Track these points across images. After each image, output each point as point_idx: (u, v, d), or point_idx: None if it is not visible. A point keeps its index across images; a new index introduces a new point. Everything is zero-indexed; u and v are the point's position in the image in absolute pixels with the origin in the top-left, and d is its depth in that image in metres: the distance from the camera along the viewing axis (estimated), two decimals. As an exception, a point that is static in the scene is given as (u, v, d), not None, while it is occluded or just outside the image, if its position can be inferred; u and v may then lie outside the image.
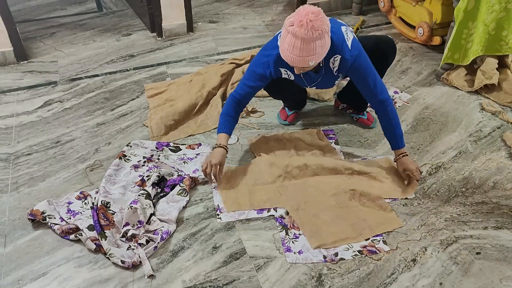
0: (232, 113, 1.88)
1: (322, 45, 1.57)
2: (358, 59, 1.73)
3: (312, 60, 1.59)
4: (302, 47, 1.54)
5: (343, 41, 1.70)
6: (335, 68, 1.79)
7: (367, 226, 1.69)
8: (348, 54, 1.71)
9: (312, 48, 1.55)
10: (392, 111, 1.81)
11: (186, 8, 3.11)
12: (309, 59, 1.58)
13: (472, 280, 1.50)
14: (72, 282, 1.51)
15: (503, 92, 2.41)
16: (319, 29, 1.51)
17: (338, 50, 1.71)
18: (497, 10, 2.31)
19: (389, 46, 1.98)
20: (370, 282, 1.50)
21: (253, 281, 1.51)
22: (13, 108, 2.39)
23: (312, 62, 1.60)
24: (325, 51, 1.61)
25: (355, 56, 1.72)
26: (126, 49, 3.00)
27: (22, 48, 2.82)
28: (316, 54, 1.57)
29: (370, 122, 2.22)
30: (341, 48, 1.70)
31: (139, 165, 1.94)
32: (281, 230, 1.69)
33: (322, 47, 1.57)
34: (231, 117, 1.88)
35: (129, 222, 1.64)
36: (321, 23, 1.51)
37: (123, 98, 2.48)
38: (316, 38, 1.53)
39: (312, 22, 1.50)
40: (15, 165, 2.00)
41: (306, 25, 1.50)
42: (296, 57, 1.58)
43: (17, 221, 1.73)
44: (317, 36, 1.53)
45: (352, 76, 1.83)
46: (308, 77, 1.88)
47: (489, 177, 1.92)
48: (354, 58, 1.72)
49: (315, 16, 1.50)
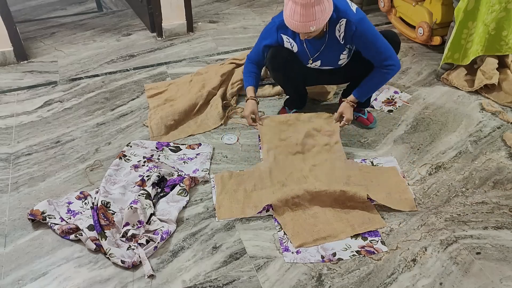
0: (253, 69, 2.10)
1: (322, 10, 1.67)
2: (363, 22, 1.82)
3: (313, 25, 1.69)
4: (302, 13, 1.65)
5: (347, 7, 1.81)
6: (341, 35, 1.85)
7: (350, 225, 1.69)
8: (353, 17, 1.80)
9: (312, 13, 1.66)
10: (385, 76, 1.94)
11: (186, 8, 3.11)
12: (310, 24, 1.68)
13: (472, 280, 1.50)
14: (72, 282, 1.51)
15: (503, 92, 2.41)
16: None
17: (343, 14, 1.80)
18: (497, 10, 2.31)
19: (393, 41, 2.00)
20: (370, 282, 1.50)
21: (253, 281, 1.51)
22: (13, 108, 2.39)
23: (313, 27, 1.69)
24: (326, 17, 1.70)
25: (360, 19, 1.81)
26: (126, 49, 3.01)
27: (22, 48, 2.82)
28: (316, 20, 1.67)
29: (369, 122, 2.22)
30: (345, 12, 1.80)
31: (139, 165, 1.94)
32: (280, 230, 1.69)
33: (322, 12, 1.67)
34: (253, 72, 2.10)
35: (129, 222, 1.64)
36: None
37: (123, 98, 2.48)
38: (315, 4, 1.64)
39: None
40: (15, 165, 2.00)
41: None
42: (298, 23, 1.69)
43: (17, 221, 1.73)
44: (315, 2, 1.64)
45: (358, 42, 1.88)
46: (311, 46, 1.93)
47: (489, 177, 1.92)
48: (359, 21, 1.81)
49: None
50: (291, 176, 1.91)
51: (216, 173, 1.94)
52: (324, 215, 1.73)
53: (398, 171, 1.94)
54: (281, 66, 2.01)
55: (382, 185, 1.86)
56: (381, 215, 1.74)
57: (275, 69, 2.04)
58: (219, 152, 2.09)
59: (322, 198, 1.77)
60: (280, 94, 2.48)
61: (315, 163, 1.97)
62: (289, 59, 1.98)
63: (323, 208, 1.76)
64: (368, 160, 2.02)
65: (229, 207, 1.78)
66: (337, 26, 1.83)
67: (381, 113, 2.34)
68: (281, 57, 1.98)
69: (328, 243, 1.63)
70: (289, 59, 1.99)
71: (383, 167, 1.97)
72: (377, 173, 1.93)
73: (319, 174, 1.90)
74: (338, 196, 1.76)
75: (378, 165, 1.99)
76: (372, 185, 1.86)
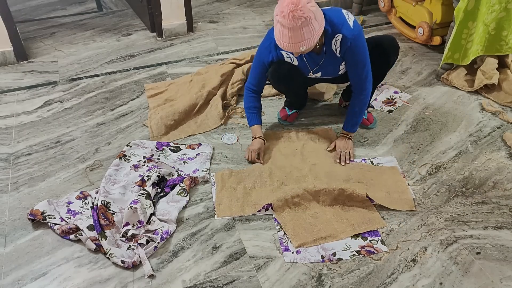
0: (254, 103, 2.05)
1: (311, 30, 1.63)
2: (358, 39, 1.80)
3: (303, 46, 1.66)
4: (291, 35, 1.62)
5: (344, 21, 1.77)
6: (338, 49, 1.83)
7: (350, 225, 1.69)
8: (349, 32, 1.77)
9: (300, 34, 1.62)
10: (364, 101, 1.96)
11: (186, 8, 3.11)
12: (300, 45, 1.65)
13: (472, 280, 1.50)
14: (72, 282, 1.51)
15: (503, 92, 2.41)
16: (301, 17, 1.58)
17: (339, 29, 1.77)
18: (497, 10, 2.31)
19: (392, 46, 2.00)
20: (370, 282, 1.50)
21: (253, 281, 1.51)
22: (13, 108, 2.39)
23: (302, 48, 1.66)
24: (316, 36, 1.66)
25: (356, 35, 1.79)
26: (126, 49, 3.00)
27: (22, 48, 2.82)
28: (305, 40, 1.64)
29: (369, 122, 2.21)
30: (341, 27, 1.77)
31: (139, 165, 1.94)
32: (280, 229, 1.69)
33: (311, 32, 1.63)
34: (255, 107, 2.05)
35: (129, 222, 1.64)
36: (301, 12, 1.57)
37: (123, 98, 2.48)
38: (302, 26, 1.60)
39: (293, 12, 1.57)
40: (15, 165, 2.00)
41: (288, 16, 1.58)
42: (287, 44, 1.66)
43: (17, 221, 1.73)
44: (302, 24, 1.59)
45: (348, 57, 1.86)
46: (311, 60, 1.92)
47: (489, 177, 1.92)
48: (354, 37, 1.78)
49: (294, 7, 1.57)
50: (291, 174, 1.91)
51: (217, 172, 1.94)
52: (324, 215, 1.73)
53: (399, 171, 1.94)
54: (283, 80, 2.03)
55: (382, 184, 1.87)
56: (381, 215, 1.74)
57: (277, 82, 2.07)
58: (219, 152, 2.09)
59: (322, 197, 1.77)
60: (280, 94, 2.48)
61: (315, 163, 1.97)
62: (291, 73, 1.98)
63: (323, 208, 1.76)
64: (368, 160, 2.02)
65: (228, 205, 1.78)
66: (333, 40, 1.80)
67: (381, 113, 2.34)
68: (283, 71, 1.97)
69: (328, 243, 1.63)
70: (291, 73, 1.98)
71: (383, 167, 1.97)
72: (378, 172, 1.93)
73: (319, 173, 1.90)
74: (337, 195, 1.76)
75: (378, 165, 1.99)
76: (371, 184, 1.86)
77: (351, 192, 1.75)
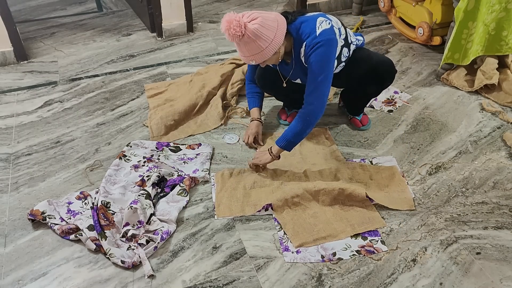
0: (254, 89, 2.13)
1: (257, 47, 1.62)
2: (319, 48, 1.69)
3: (253, 60, 1.68)
4: (243, 49, 1.66)
5: (312, 30, 1.71)
6: (303, 58, 1.79)
7: (350, 225, 1.69)
8: (310, 41, 1.71)
9: (247, 50, 1.64)
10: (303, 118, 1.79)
11: (186, 8, 3.11)
12: (250, 59, 1.68)
13: (472, 280, 1.50)
14: (72, 282, 1.51)
15: (503, 92, 2.41)
16: (239, 35, 1.59)
17: (305, 38, 1.73)
18: (497, 10, 2.31)
19: (387, 72, 1.98)
20: (370, 282, 1.50)
21: (253, 281, 1.51)
22: (13, 108, 2.39)
23: (253, 62, 1.69)
24: (273, 46, 1.64)
25: (317, 43, 1.69)
26: (126, 49, 3.00)
27: (22, 48, 2.82)
28: (254, 55, 1.65)
29: (361, 124, 2.20)
30: (308, 36, 1.72)
31: (139, 165, 1.94)
32: (280, 229, 1.69)
33: (258, 48, 1.62)
34: (254, 93, 2.14)
35: (129, 222, 1.64)
36: (234, 31, 1.57)
37: (123, 98, 2.48)
38: (246, 43, 1.62)
39: (229, 30, 1.59)
40: (15, 165, 2.00)
41: (228, 35, 1.60)
42: (243, 57, 1.70)
43: (17, 221, 1.73)
44: (245, 42, 1.61)
45: (308, 66, 1.76)
46: (282, 68, 1.94)
47: (489, 177, 1.92)
48: (315, 45, 1.69)
49: (228, 25, 1.58)
50: (290, 174, 1.91)
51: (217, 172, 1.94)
52: (324, 214, 1.73)
53: (398, 170, 1.94)
54: (267, 85, 2.10)
55: (382, 183, 1.87)
56: (381, 215, 1.74)
57: (263, 87, 2.13)
58: (219, 152, 2.09)
59: (321, 197, 1.77)
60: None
61: (314, 162, 1.97)
62: (274, 78, 2.00)
63: (323, 207, 1.76)
64: (368, 160, 2.02)
65: (228, 205, 1.78)
66: (301, 49, 1.76)
67: (381, 113, 2.33)
68: (267, 76, 2.03)
69: (328, 242, 1.63)
70: (274, 78, 2.00)
71: (383, 166, 1.97)
72: (377, 172, 1.93)
73: (319, 173, 1.90)
74: (337, 195, 1.76)
75: (377, 164, 1.99)
76: (371, 183, 1.86)
77: (351, 191, 1.75)
